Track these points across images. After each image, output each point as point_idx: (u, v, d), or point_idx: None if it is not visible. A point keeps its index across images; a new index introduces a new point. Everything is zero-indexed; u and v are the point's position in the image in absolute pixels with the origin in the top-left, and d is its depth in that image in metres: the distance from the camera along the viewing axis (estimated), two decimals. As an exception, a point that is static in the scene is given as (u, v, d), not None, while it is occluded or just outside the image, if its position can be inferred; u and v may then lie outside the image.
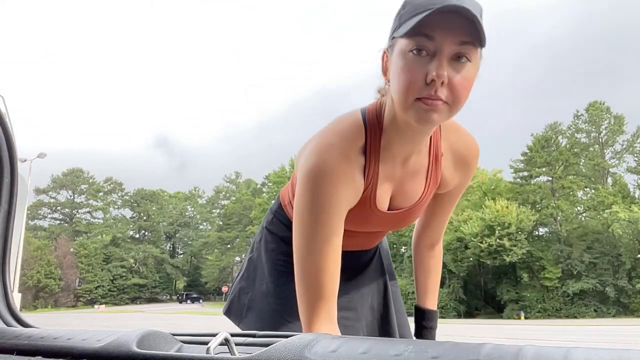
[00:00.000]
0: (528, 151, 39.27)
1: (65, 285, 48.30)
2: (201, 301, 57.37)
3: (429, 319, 1.28)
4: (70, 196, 61.19)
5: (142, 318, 27.30)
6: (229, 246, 58.75)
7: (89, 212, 61.81)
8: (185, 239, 68.55)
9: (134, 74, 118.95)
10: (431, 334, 1.28)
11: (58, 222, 60.69)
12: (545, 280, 34.75)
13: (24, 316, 0.91)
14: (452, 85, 0.82)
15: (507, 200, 35.66)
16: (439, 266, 1.33)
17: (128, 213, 64.34)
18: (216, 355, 0.57)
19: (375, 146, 0.99)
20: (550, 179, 38.32)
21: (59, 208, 60.84)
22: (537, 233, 39.22)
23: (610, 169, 41.41)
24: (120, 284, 53.79)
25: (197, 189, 71.82)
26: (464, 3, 0.78)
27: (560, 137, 40.20)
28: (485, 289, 39.82)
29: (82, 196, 61.42)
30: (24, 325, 0.89)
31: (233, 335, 0.64)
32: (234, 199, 63.72)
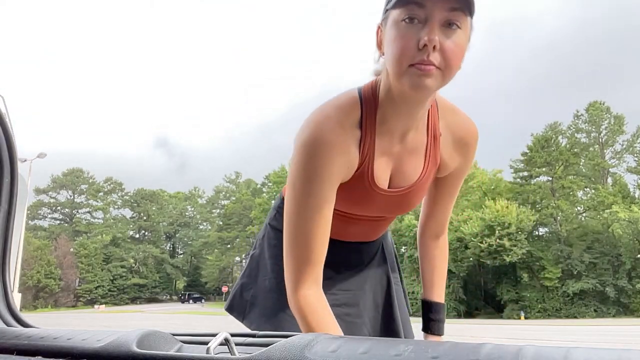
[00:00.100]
0: (528, 151, 39.27)
1: (65, 285, 48.31)
2: (203, 301, 57.42)
3: (436, 311, 1.26)
4: (70, 196, 61.22)
5: (142, 318, 27.31)
6: (229, 246, 58.77)
7: (89, 212, 61.85)
8: (185, 239, 68.57)
9: (134, 74, 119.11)
10: (439, 327, 1.25)
11: (58, 222, 60.71)
12: (545, 280, 34.76)
13: (24, 316, 0.91)
14: (443, 50, 0.85)
15: (507, 200, 35.69)
16: (444, 258, 1.31)
17: (128, 213, 64.44)
18: (216, 355, 0.57)
19: (371, 120, 1.01)
20: (550, 179, 38.33)
21: (59, 208, 60.87)
22: (537, 233, 39.23)
23: (610, 169, 41.43)
24: (120, 284, 53.80)
25: (197, 189, 71.87)
26: None
27: (560, 137, 40.23)
28: (485, 289, 39.83)
29: (82, 196, 61.45)
30: (24, 325, 0.89)
31: (233, 335, 0.64)
32: (234, 199, 63.74)
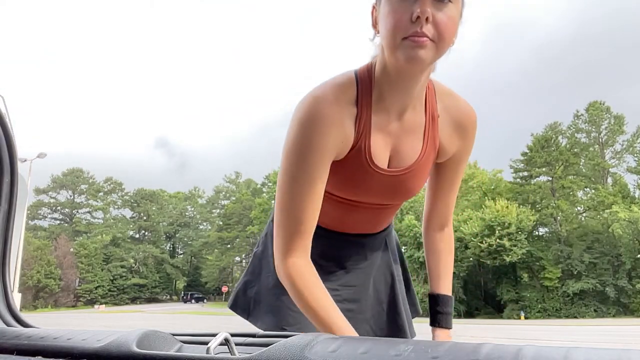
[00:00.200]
0: (528, 151, 39.30)
1: (65, 285, 48.30)
2: (205, 301, 57.45)
3: (443, 304, 1.23)
4: (70, 196, 61.22)
5: (142, 318, 27.30)
6: (229, 246, 58.77)
7: (89, 212, 61.85)
8: (185, 239, 68.57)
9: (134, 74, 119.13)
10: (447, 320, 1.22)
11: (58, 222, 60.71)
12: (545, 280, 34.77)
13: (24, 316, 0.91)
14: (436, 22, 0.88)
15: (507, 200, 35.72)
16: (450, 250, 1.29)
17: (128, 213, 64.45)
18: (216, 355, 0.57)
19: (366, 97, 1.03)
20: (550, 179, 38.34)
21: (59, 208, 60.87)
22: (537, 233, 39.24)
23: (610, 169, 41.41)
24: (120, 284, 53.80)
25: (197, 189, 71.89)
26: None
27: (560, 137, 40.25)
28: (485, 289, 39.84)
29: (82, 196, 61.45)
30: (24, 325, 0.89)
31: (233, 335, 0.64)
32: (234, 199, 63.74)
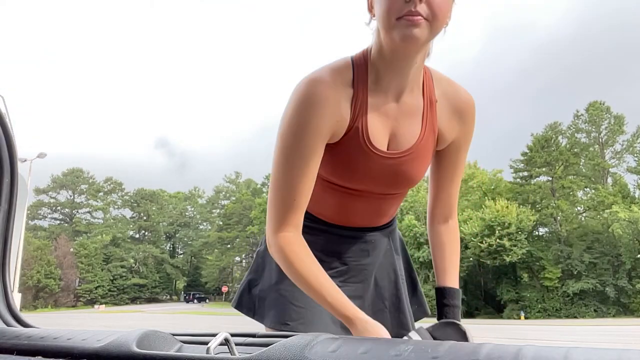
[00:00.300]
0: (528, 151, 39.30)
1: (65, 285, 48.29)
2: (207, 301, 57.45)
3: (450, 297, 1.18)
4: (70, 196, 61.21)
5: (142, 318, 27.31)
6: (229, 246, 58.77)
7: (89, 212, 61.84)
8: (185, 239, 68.58)
9: (134, 74, 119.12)
10: (455, 312, 1.18)
11: (58, 222, 60.71)
12: (545, 280, 34.78)
13: (24, 316, 0.91)
14: (429, 1, 0.90)
15: (507, 200, 35.71)
16: (456, 242, 1.27)
17: (128, 213, 64.44)
18: (216, 355, 0.57)
19: (362, 78, 1.05)
20: (550, 179, 38.35)
21: (59, 208, 60.87)
22: (537, 233, 39.24)
23: (610, 169, 41.42)
24: (120, 284, 53.79)
25: (197, 189, 71.89)
26: None
27: (560, 137, 40.25)
28: (485, 289, 39.83)
29: (82, 196, 61.45)
30: (24, 325, 0.89)
31: (233, 335, 0.64)
32: (234, 199, 63.75)
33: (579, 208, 39.97)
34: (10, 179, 0.91)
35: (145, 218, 63.18)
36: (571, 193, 38.98)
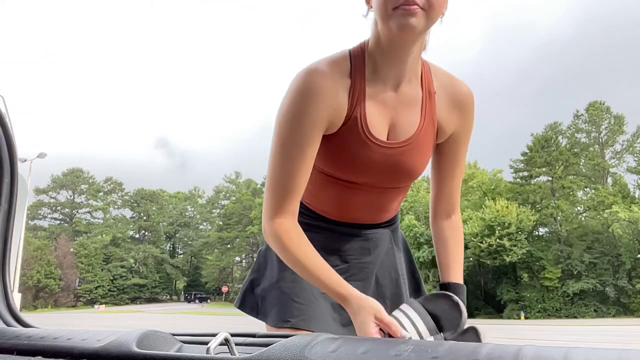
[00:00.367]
0: (528, 151, 39.30)
1: (65, 285, 48.28)
2: (209, 301, 57.43)
3: (455, 292, 1.17)
4: (70, 196, 61.21)
5: (142, 318, 27.30)
6: (229, 246, 58.77)
7: (89, 212, 61.84)
8: (185, 239, 68.58)
9: (134, 74, 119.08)
10: None
11: (58, 222, 60.70)
12: (545, 280, 34.77)
13: (24, 316, 0.91)
14: None
15: (507, 200, 35.71)
16: (459, 237, 1.28)
17: (128, 213, 64.42)
18: (216, 355, 0.57)
19: (359, 69, 1.06)
20: (550, 179, 38.35)
21: (59, 208, 60.85)
22: (537, 233, 39.24)
23: (610, 169, 41.41)
24: (120, 284, 53.78)
25: (197, 189, 71.89)
26: None
27: (560, 137, 40.26)
28: (485, 289, 39.83)
29: (82, 196, 61.45)
30: (24, 325, 0.90)
31: (233, 335, 0.64)
32: (234, 199, 63.73)
33: (579, 208, 39.97)
34: (10, 179, 0.91)
35: (145, 218, 63.17)
36: (571, 193, 38.99)
